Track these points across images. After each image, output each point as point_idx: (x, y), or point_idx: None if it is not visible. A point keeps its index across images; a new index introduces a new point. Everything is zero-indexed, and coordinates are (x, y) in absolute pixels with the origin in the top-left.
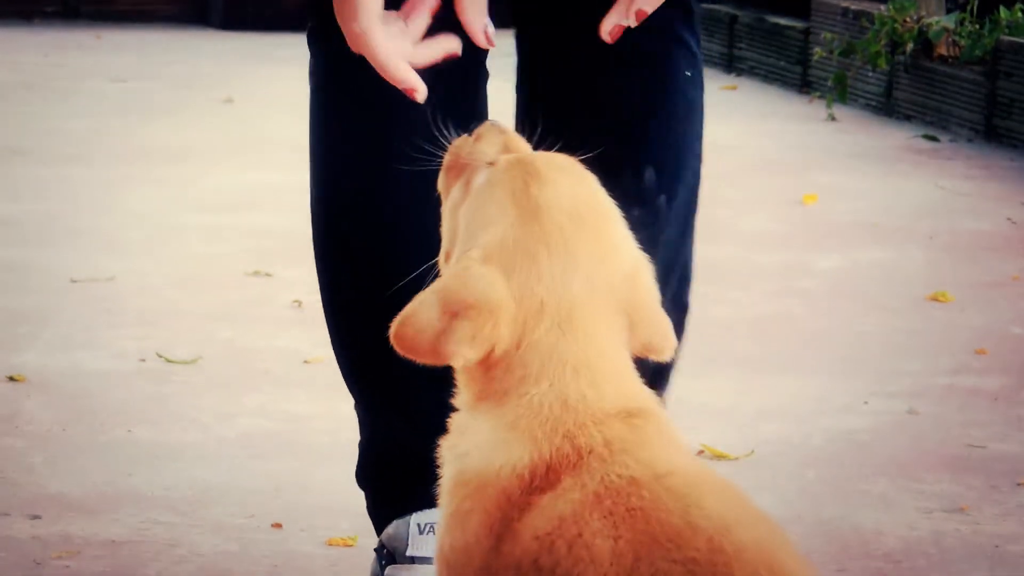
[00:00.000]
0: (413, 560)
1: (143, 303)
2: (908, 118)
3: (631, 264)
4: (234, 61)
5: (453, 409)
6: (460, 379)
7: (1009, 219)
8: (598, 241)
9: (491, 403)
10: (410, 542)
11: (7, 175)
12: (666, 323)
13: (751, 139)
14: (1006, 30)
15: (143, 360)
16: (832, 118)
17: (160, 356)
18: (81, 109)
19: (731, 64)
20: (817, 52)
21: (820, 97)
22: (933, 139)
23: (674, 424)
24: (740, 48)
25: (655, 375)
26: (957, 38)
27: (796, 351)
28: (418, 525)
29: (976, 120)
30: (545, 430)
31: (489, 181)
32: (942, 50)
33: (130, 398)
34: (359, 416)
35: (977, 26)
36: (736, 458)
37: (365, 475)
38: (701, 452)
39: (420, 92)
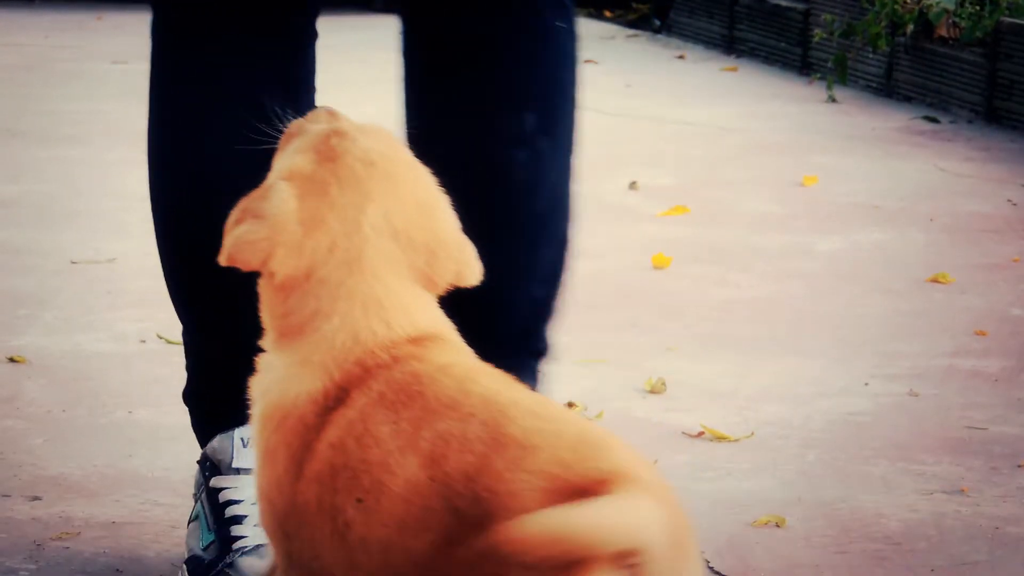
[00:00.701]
0: (239, 471)
1: (143, 284)
2: (908, 99)
3: (427, 198)
4: None
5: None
6: (263, 316)
7: (1009, 201)
8: (391, 180)
9: (289, 341)
10: (235, 455)
11: (7, 156)
12: (469, 250)
13: (751, 121)
14: (1007, 11)
15: (143, 342)
16: (832, 100)
17: (160, 337)
18: (81, 90)
19: (731, 46)
20: (817, 34)
21: (820, 79)
22: (933, 121)
23: (469, 351)
24: (740, 30)
25: (521, 335)
26: (957, 19)
27: (796, 333)
28: (242, 439)
29: (976, 101)
30: (337, 360)
31: (299, 138)
32: (942, 31)
33: (131, 379)
34: (186, 342)
35: (977, 7)
36: (736, 440)
37: (192, 394)
38: (701, 433)
39: None
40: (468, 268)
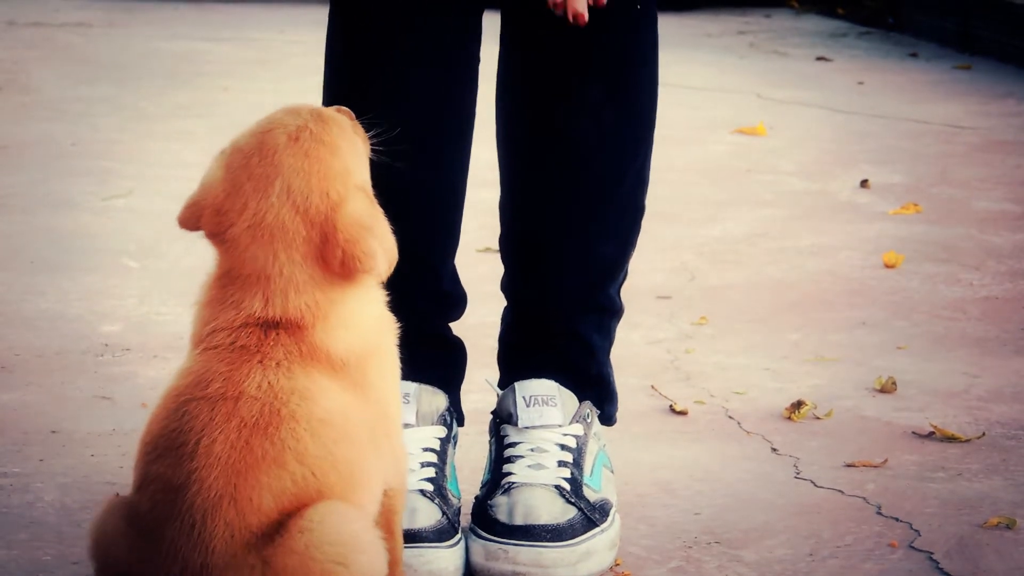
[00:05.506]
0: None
1: None
2: None
3: (336, 186)
4: None
5: None
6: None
7: None
8: (306, 159)
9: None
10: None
11: None
12: (363, 245)
13: (985, 119)
14: None
15: None
16: None
17: None
18: (315, 85)
19: (965, 43)
20: None
21: None
22: None
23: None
24: (975, 27)
25: (588, 291)
26: None
27: None
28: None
29: None
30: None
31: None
32: None
33: None
34: None
35: None
36: (967, 440)
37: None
38: (932, 433)
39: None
40: (356, 260)
